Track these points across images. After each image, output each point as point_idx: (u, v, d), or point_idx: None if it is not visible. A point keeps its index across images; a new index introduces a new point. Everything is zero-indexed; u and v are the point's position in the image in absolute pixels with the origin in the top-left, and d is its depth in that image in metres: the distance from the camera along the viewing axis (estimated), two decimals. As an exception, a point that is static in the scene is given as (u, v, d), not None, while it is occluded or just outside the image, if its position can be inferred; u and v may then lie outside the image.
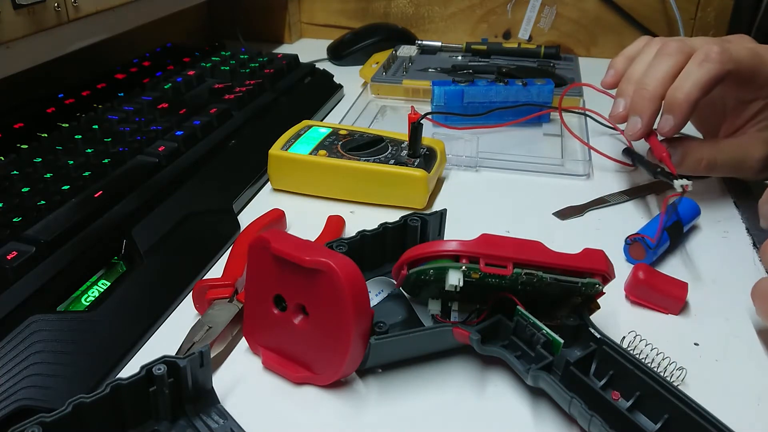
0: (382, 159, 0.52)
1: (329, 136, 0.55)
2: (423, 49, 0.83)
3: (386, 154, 0.52)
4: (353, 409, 0.34)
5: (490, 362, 0.36)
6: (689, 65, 0.47)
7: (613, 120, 0.51)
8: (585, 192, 0.53)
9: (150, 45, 0.79)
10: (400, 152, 0.53)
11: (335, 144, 0.54)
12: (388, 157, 0.52)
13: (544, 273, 0.33)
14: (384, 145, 0.53)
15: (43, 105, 0.61)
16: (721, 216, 0.50)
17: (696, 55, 0.47)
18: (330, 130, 0.56)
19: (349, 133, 0.56)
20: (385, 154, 0.52)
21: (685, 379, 0.35)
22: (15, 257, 0.39)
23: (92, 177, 0.48)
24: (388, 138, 0.55)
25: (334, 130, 0.56)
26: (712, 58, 0.46)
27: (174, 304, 0.41)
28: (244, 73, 0.70)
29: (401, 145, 0.54)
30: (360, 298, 0.32)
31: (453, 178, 0.56)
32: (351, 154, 0.52)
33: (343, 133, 0.56)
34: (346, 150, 0.53)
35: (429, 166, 0.51)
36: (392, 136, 0.55)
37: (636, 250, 0.44)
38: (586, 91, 0.69)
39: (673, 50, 0.48)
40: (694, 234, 0.48)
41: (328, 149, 0.53)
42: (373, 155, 0.52)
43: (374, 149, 0.53)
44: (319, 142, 0.54)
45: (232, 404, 0.33)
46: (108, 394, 0.29)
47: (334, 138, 0.55)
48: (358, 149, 0.53)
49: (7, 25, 0.49)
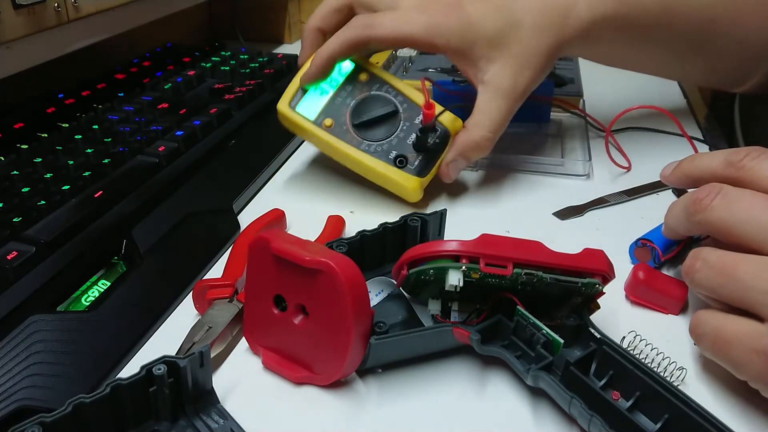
0: (384, 147, 0.49)
1: (348, 81, 0.51)
2: (423, 49, 0.83)
3: (392, 138, 0.49)
4: (353, 409, 0.34)
5: (490, 362, 0.36)
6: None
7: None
8: (585, 192, 0.53)
9: (150, 45, 0.79)
10: (409, 134, 0.50)
11: (347, 105, 0.50)
12: (393, 142, 0.49)
13: (544, 273, 0.33)
14: (397, 119, 0.50)
15: (43, 105, 0.61)
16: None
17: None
18: (350, 70, 0.51)
19: (369, 78, 0.51)
20: (392, 137, 0.49)
21: (685, 379, 0.35)
22: (15, 257, 0.39)
23: (92, 177, 0.48)
24: (405, 104, 0.50)
25: (355, 71, 0.51)
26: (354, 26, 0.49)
27: (174, 304, 0.41)
28: (244, 73, 0.70)
29: (415, 121, 0.50)
30: (360, 298, 0.32)
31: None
32: (356, 130, 0.49)
33: (363, 78, 0.51)
34: (353, 122, 0.49)
35: (431, 164, 0.50)
36: (412, 99, 0.51)
37: (642, 253, 0.44)
38: (587, 92, 0.69)
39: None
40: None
41: (336, 113, 0.50)
42: (378, 139, 0.49)
43: (383, 126, 0.49)
44: (335, 93, 0.50)
45: (232, 404, 0.33)
46: (108, 394, 0.29)
47: (351, 88, 0.51)
48: (365, 126, 0.49)
49: (7, 25, 0.49)
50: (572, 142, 0.61)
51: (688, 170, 0.40)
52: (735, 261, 0.32)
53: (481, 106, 0.50)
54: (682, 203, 0.37)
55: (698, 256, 0.34)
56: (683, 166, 0.40)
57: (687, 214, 0.36)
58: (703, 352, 0.34)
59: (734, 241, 0.34)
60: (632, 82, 0.78)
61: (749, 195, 0.34)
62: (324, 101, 0.50)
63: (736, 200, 0.34)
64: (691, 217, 0.36)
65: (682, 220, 0.37)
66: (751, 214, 0.33)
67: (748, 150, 0.36)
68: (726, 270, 0.32)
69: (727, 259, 0.33)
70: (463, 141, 0.49)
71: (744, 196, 0.34)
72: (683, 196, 0.37)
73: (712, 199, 0.35)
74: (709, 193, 0.35)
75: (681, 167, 0.40)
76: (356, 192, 0.53)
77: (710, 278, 0.33)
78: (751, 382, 0.32)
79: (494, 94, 0.49)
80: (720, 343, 0.32)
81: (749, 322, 0.31)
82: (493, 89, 0.49)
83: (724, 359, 0.32)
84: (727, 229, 0.34)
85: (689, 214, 0.36)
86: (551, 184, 0.55)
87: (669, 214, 0.39)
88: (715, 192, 0.35)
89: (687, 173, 0.40)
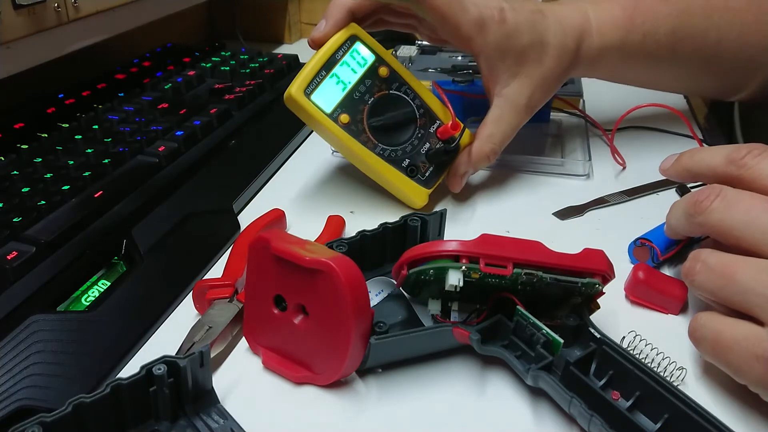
0: (398, 154, 0.48)
1: (368, 74, 0.48)
2: (423, 50, 0.83)
3: (406, 145, 0.49)
4: (353, 409, 0.34)
5: (490, 362, 0.36)
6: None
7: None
8: (585, 192, 0.53)
9: (150, 45, 0.79)
10: (423, 143, 0.49)
11: (365, 102, 0.48)
12: (407, 150, 0.49)
13: (544, 273, 0.33)
14: (412, 126, 0.49)
15: (43, 105, 0.61)
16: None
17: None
18: (371, 61, 0.48)
19: (390, 74, 0.49)
20: (406, 143, 0.49)
21: (685, 379, 0.35)
22: (15, 257, 0.39)
23: (92, 177, 0.48)
24: (422, 110, 0.49)
25: (376, 63, 0.48)
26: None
27: (174, 304, 0.41)
28: (244, 73, 0.70)
29: (430, 129, 0.49)
30: (360, 298, 0.32)
31: (453, 178, 0.56)
32: (372, 132, 0.47)
33: (383, 74, 0.48)
34: (370, 123, 0.47)
35: (439, 175, 0.50)
36: (430, 106, 0.50)
37: (641, 253, 0.44)
38: (587, 92, 0.69)
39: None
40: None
41: (352, 110, 0.47)
42: (393, 144, 0.48)
43: (399, 131, 0.49)
44: (353, 85, 0.47)
45: (232, 404, 0.33)
46: (108, 394, 0.29)
47: (370, 83, 0.48)
48: (382, 129, 0.48)
49: (8, 25, 0.49)
50: (572, 142, 0.61)
51: (688, 165, 0.39)
52: (734, 263, 0.32)
53: (495, 120, 0.50)
54: (682, 204, 0.37)
55: (698, 258, 0.34)
56: (683, 161, 0.40)
57: (687, 216, 0.36)
58: (703, 355, 0.34)
59: (733, 243, 0.33)
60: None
61: (748, 197, 0.34)
62: (341, 93, 0.47)
63: (735, 202, 0.34)
64: (690, 219, 0.36)
65: (683, 221, 0.37)
66: (750, 216, 0.33)
67: (749, 147, 0.36)
68: (725, 273, 0.32)
69: (727, 262, 0.33)
70: (477, 153, 0.49)
71: (743, 198, 0.34)
72: (684, 197, 0.37)
73: (711, 201, 0.34)
74: (708, 194, 0.35)
75: (681, 161, 0.40)
76: (356, 192, 0.53)
77: (710, 281, 0.33)
78: (751, 386, 0.32)
79: (510, 110, 0.49)
80: (719, 347, 0.32)
81: (749, 326, 0.31)
82: (510, 105, 0.49)
83: (723, 364, 0.32)
84: (726, 231, 0.34)
85: (689, 216, 0.36)
86: (551, 184, 0.55)
87: (670, 214, 0.39)
88: (714, 194, 0.35)
89: (687, 167, 0.39)
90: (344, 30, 0.47)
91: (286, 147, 0.60)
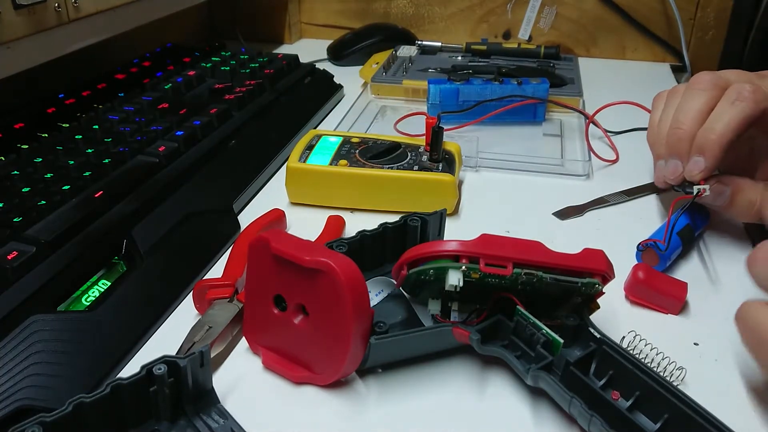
0: (405, 165, 0.50)
1: (343, 144, 0.53)
2: (423, 50, 0.84)
3: (407, 161, 0.51)
4: (353, 409, 0.34)
5: (490, 362, 0.36)
6: (721, 104, 0.43)
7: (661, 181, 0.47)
8: (585, 192, 0.53)
9: (150, 45, 0.79)
10: (420, 157, 0.51)
11: (352, 152, 0.52)
12: (411, 163, 0.51)
13: (544, 273, 0.33)
14: (402, 151, 0.52)
15: (43, 105, 0.61)
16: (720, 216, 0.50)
17: (728, 93, 0.43)
18: (341, 138, 0.54)
19: (361, 140, 0.54)
20: (406, 160, 0.51)
21: (685, 379, 0.35)
22: (15, 257, 0.39)
23: (92, 177, 0.48)
24: (404, 144, 0.53)
25: (346, 138, 0.54)
26: (746, 97, 0.42)
27: (174, 304, 0.41)
28: (244, 73, 0.70)
29: (419, 150, 0.52)
30: (360, 298, 0.32)
31: (453, 178, 0.56)
32: (372, 162, 0.51)
33: (356, 140, 0.54)
34: (366, 158, 0.51)
35: (452, 170, 0.50)
36: (407, 141, 0.54)
37: (649, 256, 0.43)
38: (587, 92, 0.69)
39: (705, 85, 0.44)
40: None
41: (347, 158, 0.51)
42: (395, 162, 0.51)
43: (394, 156, 0.51)
44: (335, 151, 0.52)
45: (232, 404, 0.33)
46: (108, 394, 0.29)
47: (349, 146, 0.53)
48: (378, 157, 0.51)
49: (8, 25, 0.49)
50: (572, 142, 0.61)
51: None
52: None
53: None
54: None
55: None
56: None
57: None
58: (741, 340, 0.34)
59: None
60: (633, 83, 0.78)
61: None
62: (329, 156, 0.52)
63: None
64: None
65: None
66: None
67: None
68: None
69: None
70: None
71: None
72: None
73: None
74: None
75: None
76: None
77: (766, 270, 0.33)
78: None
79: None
80: (755, 338, 0.32)
81: None
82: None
83: (754, 355, 0.32)
84: None
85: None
86: (551, 184, 0.55)
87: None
88: None
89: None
90: (306, 137, 0.55)
91: (286, 147, 0.60)
